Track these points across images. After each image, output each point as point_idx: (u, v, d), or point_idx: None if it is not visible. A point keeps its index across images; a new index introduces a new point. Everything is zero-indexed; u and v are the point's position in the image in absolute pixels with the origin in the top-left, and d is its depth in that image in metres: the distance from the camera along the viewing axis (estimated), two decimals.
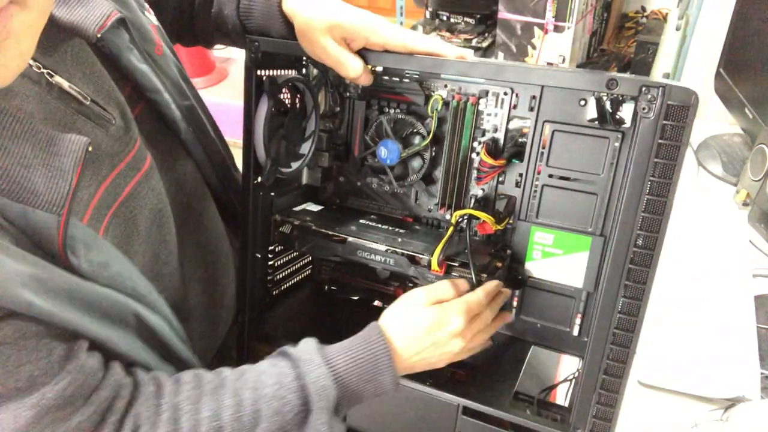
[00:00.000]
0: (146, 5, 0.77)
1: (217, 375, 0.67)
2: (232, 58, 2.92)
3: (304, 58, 0.87)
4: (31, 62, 0.58)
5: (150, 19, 0.76)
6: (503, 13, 1.66)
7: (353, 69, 0.74)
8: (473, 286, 0.77)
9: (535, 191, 0.82)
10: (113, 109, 0.67)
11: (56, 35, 0.61)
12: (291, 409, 0.65)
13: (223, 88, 2.74)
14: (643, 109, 0.62)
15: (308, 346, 0.70)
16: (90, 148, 0.55)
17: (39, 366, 0.52)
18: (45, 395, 0.52)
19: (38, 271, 0.52)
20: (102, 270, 0.60)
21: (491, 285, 0.78)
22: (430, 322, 0.73)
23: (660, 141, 0.62)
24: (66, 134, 0.54)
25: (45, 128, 0.54)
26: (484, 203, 0.85)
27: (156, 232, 0.74)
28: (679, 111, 0.61)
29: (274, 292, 0.96)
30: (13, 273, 0.49)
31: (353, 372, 0.68)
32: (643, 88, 0.62)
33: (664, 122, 0.61)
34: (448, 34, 1.86)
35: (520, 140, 0.81)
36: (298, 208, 0.93)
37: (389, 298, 0.97)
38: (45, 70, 0.60)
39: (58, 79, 0.61)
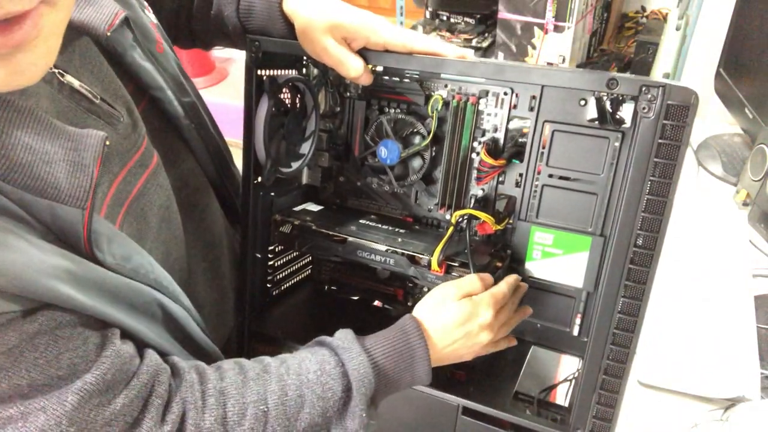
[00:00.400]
0: (145, 3, 0.77)
1: (258, 362, 0.68)
2: (232, 58, 2.92)
3: (305, 57, 0.87)
4: None
5: (150, 17, 0.77)
6: (503, 13, 1.66)
7: (354, 69, 0.74)
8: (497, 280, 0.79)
9: (535, 191, 0.82)
10: (120, 107, 0.68)
11: (65, 34, 0.62)
12: (333, 395, 0.66)
13: (223, 88, 2.74)
14: (643, 108, 0.62)
15: (346, 335, 0.72)
16: (107, 142, 0.56)
17: (77, 354, 0.53)
18: (86, 381, 0.53)
19: (69, 263, 0.53)
20: (125, 263, 0.60)
21: (512, 278, 0.80)
22: (462, 315, 0.74)
23: (660, 141, 0.62)
24: (84, 130, 0.55)
25: (62, 125, 0.55)
26: (484, 203, 0.85)
27: (165, 228, 0.74)
28: (679, 111, 0.61)
29: (274, 293, 0.97)
30: (43, 265, 0.50)
31: (390, 361, 0.70)
32: (643, 88, 0.62)
33: (664, 122, 0.61)
34: (448, 34, 1.86)
35: (520, 140, 0.81)
36: (298, 208, 0.93)
37: (389, 298, 0.97)
38: (56, 70, 0.60)
39: (69, 78, 0.61)
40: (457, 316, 0.74)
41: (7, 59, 0.45)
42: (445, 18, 1.94)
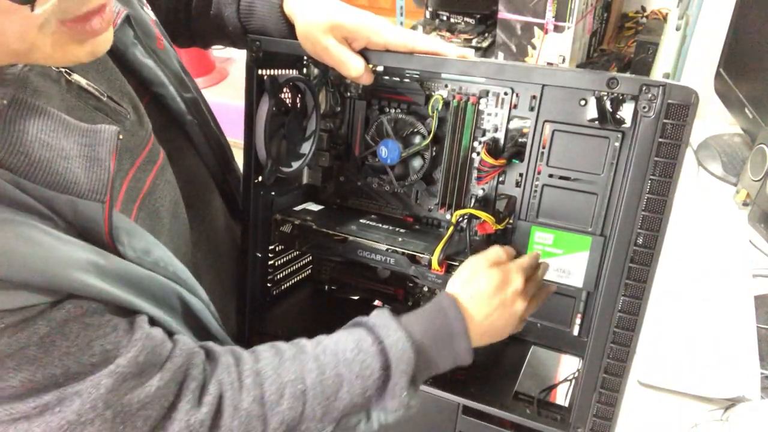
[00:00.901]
0: (144, 1, 0.78)
1: (293, 344, 0.68)
2: (232, 58, 2.92)
3: (305, 57, 0.87)
4: None
5: (149, 14, 0.77)
6: (503, 13, 1.67)
7: (355, 68, 0.74)
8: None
9: (536, 191, 0.82)
10: (126, 104, 0.69)
11: None
12: (371, 373, 0.65)
13: (223, 88, 2.74)
14: (644, 108, 0.62)
15: (383, 313, 0.70)
16: (120, 136, 0.57)
17: (108, 340, 0.54)
18: (119, 364, 0.53)
19: (93, 256, 0.54)
20: (145, 256, 0.61)
21: (534, 253, 0.81)
22: (496, 282, 0.73)
23: (660, 140, 0.62)
24: (96, 125, 0.56)
25: (75, 121, 0.55)
26: (485, 203, 0.85)
27: (174, 223, 0.75)
28: (679, 110, 0.61)
29: (274, 292, 0.97)
30: (69, 258, 0.51)
31: (429, 338, 0.69)
32: (644, 87, 0.62)
33: (665, 121, 0.62)
34: (448, 34, 1.87)
35: (520, 140, 0.81)
36: (298, 208, 0.93)
37: (389, 298, 0.97)
38: (63, 69, 0.61)
39: (75, 77, 0.62)
40: (491, 284, 0.73)
41: (89, 42, 0.54)
42: (445, 18, 1.94)
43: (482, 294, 0.73)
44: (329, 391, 0.63)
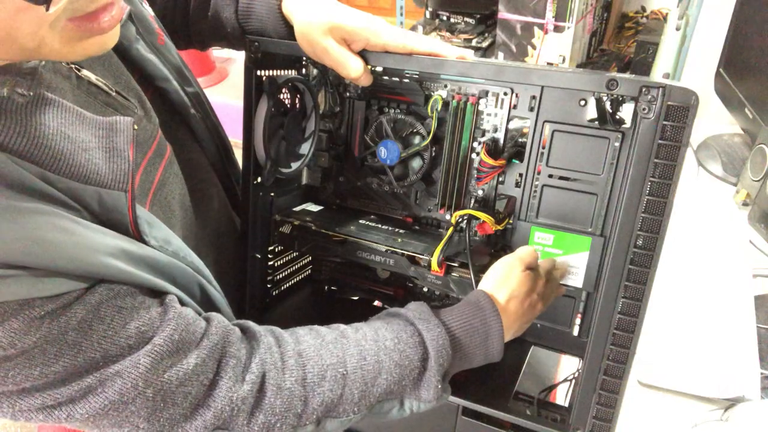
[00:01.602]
0: None
1: (333, 328, 0.69)
2: (231, 58, 2.92)
3: (304, 58, 0.87)
4: None
5: (147, 10, 0.77)
6: (503, 13, 1.66)
7: (354, 69, 0.74)
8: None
9: (535, 191, 0.82)
10: (133, 98, 0.69)
11: None
12: (410, 363, 0.67)
13: (223, 88, 2.74)
14: (643, 109, 0.62)
15: (421, 307, 0.72)
16: (136, 127, 0.58)
17: (143, 321, 0.55)
18: (156, 343, 0.54)
19: (122, 243, 0.55)
20: (167, 246, 0.62)
21: (552, 259, 0.82)
22: (528, 287, 0.75)
23: (660, 141, 0.62)
24: (112, 117, 0.57)
25: (91, 114, 0.56)
26: (484, 203, 0.85)
27: (184, 216, 0.75)
28: (679, 111, 0.61)
29: (274, 293, 0.97)
30: (99, 245, 0.52)
31: (466, 336, 0.70)
32: (643, 89, 0.62)
33: (664, 123, 0.61)
34: (448, 34, 1.87)
35: (519, 140, 0.81)
36: (297, 209, 0.93)
37: (389, 299, 0.97)
38: (73, 66, 0.62)
39: (85, 72, 0.63)
40: (524, 289, 0.75)
41: (98, 38, 0.54)
42: (445, 18, 1.94)
43: (518, 296, 0.74)
44: (369, 376, 0.65)
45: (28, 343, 0.48)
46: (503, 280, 0.75)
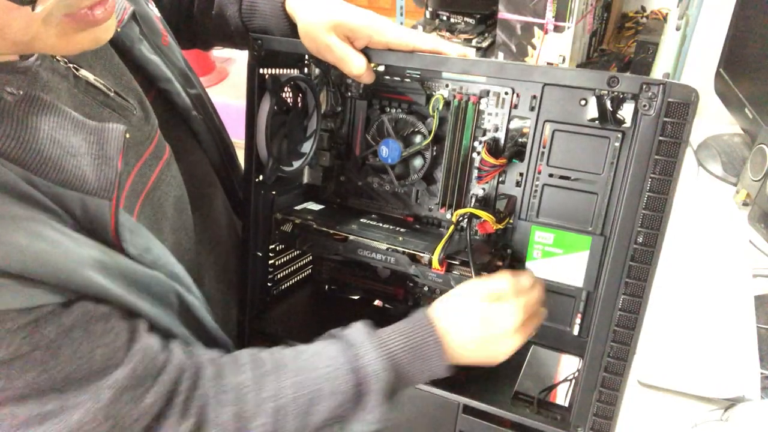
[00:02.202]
0: None
1: (273, 355, 0.68)
2: (231, 58, 2.92)
3: (306, 57, 0.87)
4: (58, 57, 0.60)
5: (154, 11, 0.78)
6: (503, 13, 1.67)
7: (357, 66, 0.75)
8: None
9: (536, 191, 0.82)
10: (133, 99, 0.69)
11: None
12: (347, 389, 0.66)
13: (223, 88, 2.74)
14: (644, 106, 0.62)
15: (361, 329, 0.71)
16: (127, 135, 0.58)
17: (110, 348, 0.55)
18: (118, 377, 0.55)
19: (99, 253, 0.55)
20: (146, 254, 0.62)
21: (540, 287, 0.78)
22: (482, 320, 0.72)
23: (660, 138, 0.62)
24: (104, 123, 0.57)
25: (83, 119, 0.56)
26: (485, 202, 0.86)
27: (178, 218, 0.75)
28: (679, 108, 0.61)
29: (274, 291, 0.97)
30: (78, 256, 0.52)
31: (405, 356, 0.69)
32: (644, 86, 0.62)
33: (665, 119, 0.62)
34: (448, 34, 1.87)
35: (520, 140, 0.81)
36: (299, 207, 0.93)
37: (390, 298, 0.97)
38: (71, 65, 0.62)
39: (83, 72, 0.63)
40: (475, 320, 0.72)
41: (92, 31, 0.54)
42: (445, 18, 1.94)
43: (463, 327, 0.72)
44: (304, 407, 0.65)
45: None
46: (455, 303, 0.74)
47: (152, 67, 0.75)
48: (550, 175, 0.80)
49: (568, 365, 0.90)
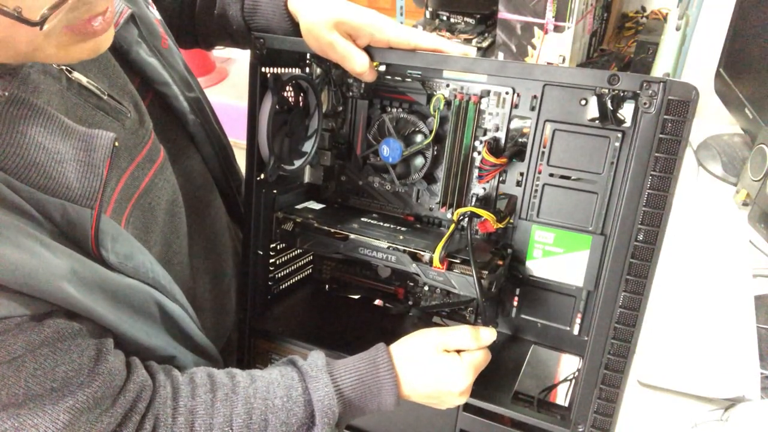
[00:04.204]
0: (149, 0, 0.78)
1: (229, 378, 0.69)
2: (231, 58, 2.92)
3: (308, 57, 0.87)
4: None
5: (154, 13, 0.77)
6: (503, 13, 1.67)
7: (360, 63, 0.75)
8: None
9: (536, 190, 0.82)
10: (128, 102, 0.69)
11: None
12: (297, 421, 0.68)
13: (223, 88, 2.74)
14: (645, 104, 0.63)
15: (316, 362, 0.72)
16: (117, 143, 0.57)
17: (73, 367, 0.54)
18: (78, 399, 0.54)
19: (75, 264, 0.54)
20: (127, 261, 0.61)
21: (486, 351, 0.79)
22: (436, 373, 0.74)
23: (661, 136, 0.63)
24: (94, 130, 0.57)
25: (73, 124, 0.56)
26: (486, 202, 0.86)
27: (170, 222, 0.75)
28: (679, 106, 0.62)
29: (275, 290, 0.97)
30: (54, 266, 0.51)
31: (357, 392, 0.71)
32: (645, 84, 0.63)
33: (665, 117, 0.62)
34: (448, 34, 1.87)
35: (520, 140, 0.81)
36: (300, 206, 0.93)
37: (390, 297, 0.97)
38: (64, 67, 0.61)
39: (76, 74, 0.62)
40: (429, 374, 0.74)
41: (91, 41, 0.55)
42: (445, 18, 1.94)
43: (419, 374, 0.74)
44: None
45: None
46: (413, 350, 0.75)
47: (150, 69, 0.75)
48: (551, 175, 0.80)
49: (568, 365, 0.90)
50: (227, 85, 2.77)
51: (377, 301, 1.00)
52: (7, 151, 0.51)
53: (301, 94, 0.87)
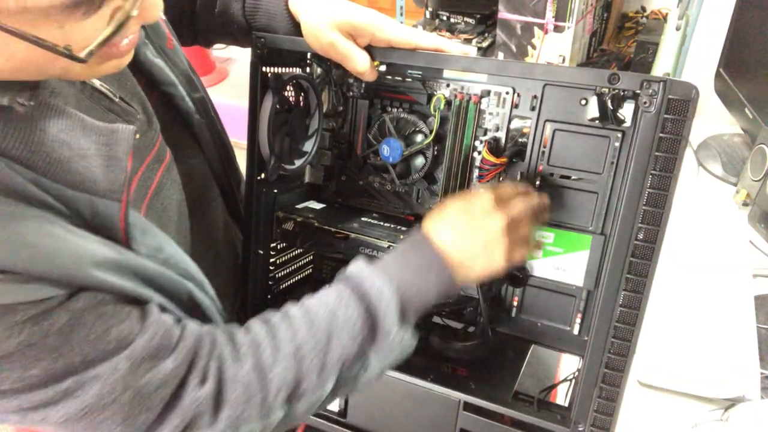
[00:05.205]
0: None
1: (279, 312, 0.69)
2: (232, 58, 2.92)
3: (309, 56, 0.87)
4: None
5: None
6: (503, 13, 1.67)
7: (361, 63, 0.75)
8: None
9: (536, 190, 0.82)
10: (136, 104, 0.69)
11: None
12: (358, 318, 0.65)
13: (223, 88, 2.74)
14: (645, 103, 0.63)
15: (357, 263, 0.71)
16: (137, 135, 0.58)
17: (123, 327, 0.55)
18: (135, 348, 0.55)
19: (109, 251, 0.55)
20: (158, 253, 0.62)
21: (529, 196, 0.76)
22: (464, 206, 0.72)
23: (661, 135, 0.63)
24: (114, 124, 0.57)
25: (92, 121, 0.56)
26: None
27: (180, 221, 0.75)
28: (679, 105, 0.62)
29: (275, 290, 0.97)
30: (86, 253, 0.52)
31: (407, 272, 0.68)
32: (645, 83, 0.63)
33: (665, 116, 0.62)
34: (448, 34, 1.87)
35: (521, 139, 0.81)
36: (300, 206, 0.94)
37: None
38: None
39: None
40: (459, 209, 0.72)
41: (116, 59, 0.56)
42: (445, 18, 1.94)
43: (450, 219, 0.72)
44: (320, 345, 0.64)
45: (8, 347, 0.48)
46: (438, 212, 0.74)
47: (156, 70, 0.75)
48: (551, 175, 0.80)
49: (568, 365, 0.90)
50: (227, 85, 2.77)
51: None
52: (34, 149, 0.51)
53: (302, 94, 0.88)
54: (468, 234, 0.71)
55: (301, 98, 0.88)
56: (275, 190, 0.89)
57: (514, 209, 0.73)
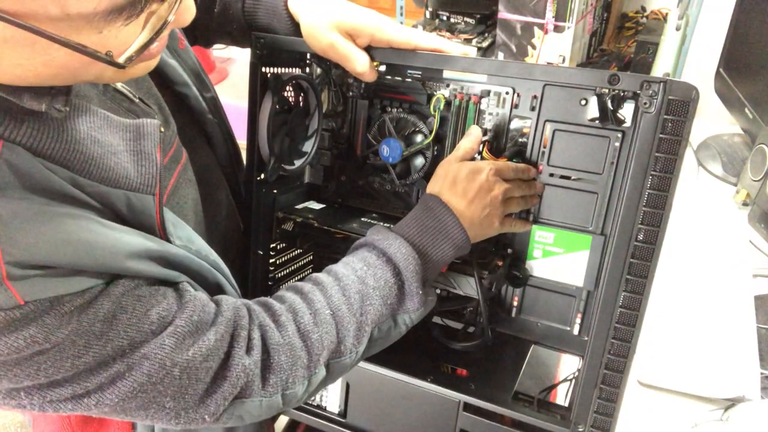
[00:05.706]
0: None
1: (308, 279, 0.72)
2: (232, 58, 2.92)
3: (308, 57, 0.87)
4: None
5: None
6: (503, 13, 1.66)
7: (361, 63, 0.75)
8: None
9: None
10: (153, 104, 0.70)
11: None
12: (387, 282, 0.70)
13: (223, 88, 2.74)
14: (645, 104, 0.63)
15: (378, 229, 0.75)
16: (162, 129, 0.59)
17: (162, 307, 0.56)
18: (177, 325, 0.57)
19: (147, 241, 0.56)
20: (190, 245, 0.64)
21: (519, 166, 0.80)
22: (467, 172, 0.76)
23: (661, 135, 0.63)
24: (138, 120, 0.58)
25: (118, 118, 0.57)
26: None
27: (195, 220, 0.76)
28: (679, 106, 0.62)
29: (275, 290, 0.96)
30: (123, 244, 0.53)
31: (427, 237, 0.73)
32: (645, 84, 0.63)
33: (665, 117, 0.62)
34: (448, 34, 1.86)
35: (520, 140, 0.81)
36: (300, 206, 0.94)
37: None
38: None
39: None
40: (463, 170, 0.76)
41: (145, 62, 0.56)
42: (445, 18, 1.94)
43: (455, 180, 0.76)
44: (355, 308, 0.68)
45: (60, 337, 0.49)
46: (440, 174, 0.78)
47: (170, 70, 0.76)
48: (551, 175, 0.80)
49: (568, 365, 0.90)
50: (227, 85, 2.78)
51: None
52: (69, 148, 0.52)
53: (302, 94, 0.87)
54: (473, 198, 0.75)
55: (300, 98, 0.88)
56: (275, 191, 0.89)
57: (512, 182, 0.78)
